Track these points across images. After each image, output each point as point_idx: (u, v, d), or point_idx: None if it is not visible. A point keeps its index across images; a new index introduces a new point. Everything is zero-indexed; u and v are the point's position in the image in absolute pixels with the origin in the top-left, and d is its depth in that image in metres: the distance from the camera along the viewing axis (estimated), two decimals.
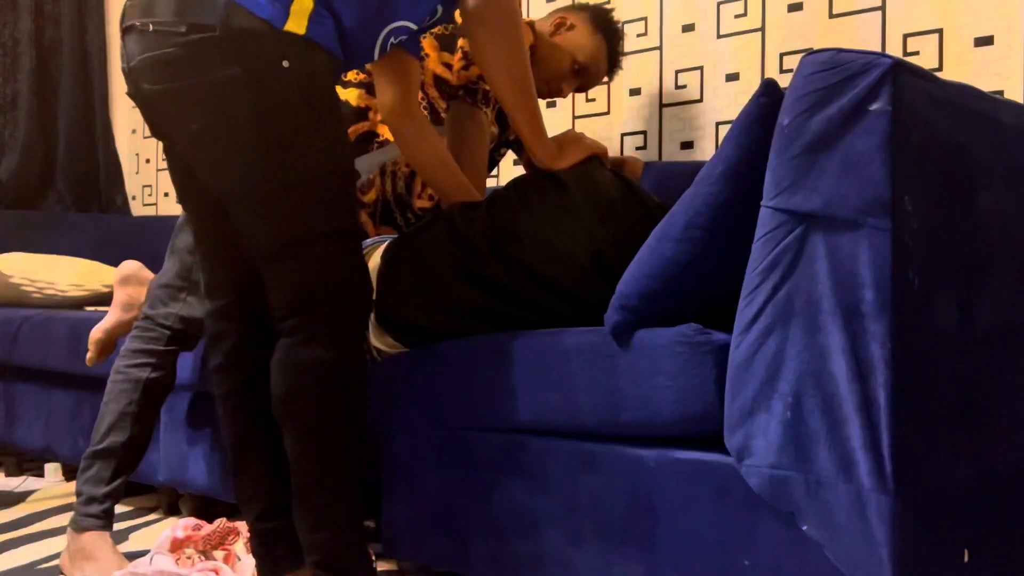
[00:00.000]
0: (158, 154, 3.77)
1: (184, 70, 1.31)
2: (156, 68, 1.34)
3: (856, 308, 1.09)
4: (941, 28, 1.97)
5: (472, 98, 1.93)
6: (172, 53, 1.31)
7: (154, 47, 1.32)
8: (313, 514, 1.40)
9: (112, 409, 1.86)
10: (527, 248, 1.57)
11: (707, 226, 1.28)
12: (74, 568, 1.80)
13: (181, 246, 1.91)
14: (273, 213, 1.36)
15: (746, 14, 2.24)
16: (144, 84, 1.37)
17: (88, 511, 1.82)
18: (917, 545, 1.10)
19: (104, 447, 1.84)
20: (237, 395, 1.52)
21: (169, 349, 1.89)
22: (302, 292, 1.37)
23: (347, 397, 1.40)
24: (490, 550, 1.52)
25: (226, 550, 1.74)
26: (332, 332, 1.37)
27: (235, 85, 1.30)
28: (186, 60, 1.31)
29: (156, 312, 1.89)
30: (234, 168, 1.36)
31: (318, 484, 1.39)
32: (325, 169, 1.37)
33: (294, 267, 1.37)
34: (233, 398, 1.53)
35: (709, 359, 1.25)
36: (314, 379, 1.37)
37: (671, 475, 1.30)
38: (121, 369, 1.88)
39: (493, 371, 1.50)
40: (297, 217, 1.36)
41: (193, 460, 2.14)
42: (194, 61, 1.30)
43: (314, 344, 1.36)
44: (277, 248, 1.37)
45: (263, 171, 1.34)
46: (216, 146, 1.36)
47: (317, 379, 1.37)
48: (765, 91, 1.25)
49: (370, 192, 2.16)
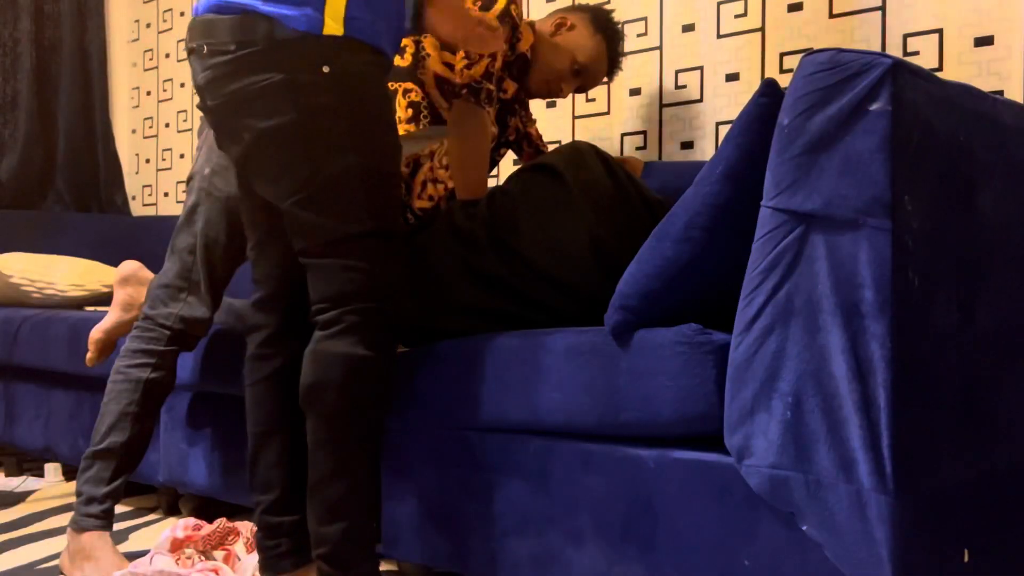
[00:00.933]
0: (158, 154, 3.77)
1: (233, 82, 1.42)
2: (213, 84, 1.44)
3: (856, 308, 1.09)
4: (941, 28, 1.97)
5: (476, 97, 1.94)
6: (224, 69, 1.42)
7: (210, 65, 1.43)
8: (325, 506, 1.42)
9: (112, 409, 1.86)
10: (527, 239, 1.57)
11: (707, 226, 1.28)
12: (74, 568, 1.80)
13: (181, 246, 1.91)
14: (317, 213, 1.42)
15: (746, 14, 2.24)
16: (208, 100, 1.47)
17: (88, 511, 1.82)
18: (917, 545, 1.10)
19: (104, 447, 1.84)
20: (264, 384, 1.57)
21: (169, 349, 1.88)
22: (343, 288, 1.42)
23: (372, 393, 1.43)
24: (490, 550, 1.52)
25: (226, 550, 1.74)
26: (366, 328, 1.41)
27: (277, 90, 1.39)
28: (234, 73, 1.41)
29: (156, 312, 1.89)
30: (280, 170, 1.43)
31: (334, 476, 1.42)
32: (366, 171, 1.43)
33: (337, 264, 1.42)
34: (260, 387, 1.58)
35: (709, 359, 1.25)
36: (341, 371, 1.41)
37: (671, 475, 1.30)
38: (121, 369, 1.88)
39: (493, 371, 1.50)
40: (340, 217, 1.42)
41: (193, 460, 2.14)
42: (241, 73, 1.41)
43: (347, 338, 1.41)
44: (321, 247, 1.43)
45: (307, 173, 1.41)
46: (263, 151, 1.44)
47: (344, 371, 1.41)
48: (765, 91, 1.25)
49: None
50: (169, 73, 3.74)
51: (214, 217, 1.90)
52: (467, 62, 1.95)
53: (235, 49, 1.40)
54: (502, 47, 1.87)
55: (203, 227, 1.89)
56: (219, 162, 1.91)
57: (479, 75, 1.94)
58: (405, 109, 2.00)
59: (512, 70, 2.09)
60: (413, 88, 2.01)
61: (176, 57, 3.71)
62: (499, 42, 1.73)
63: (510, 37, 2.00)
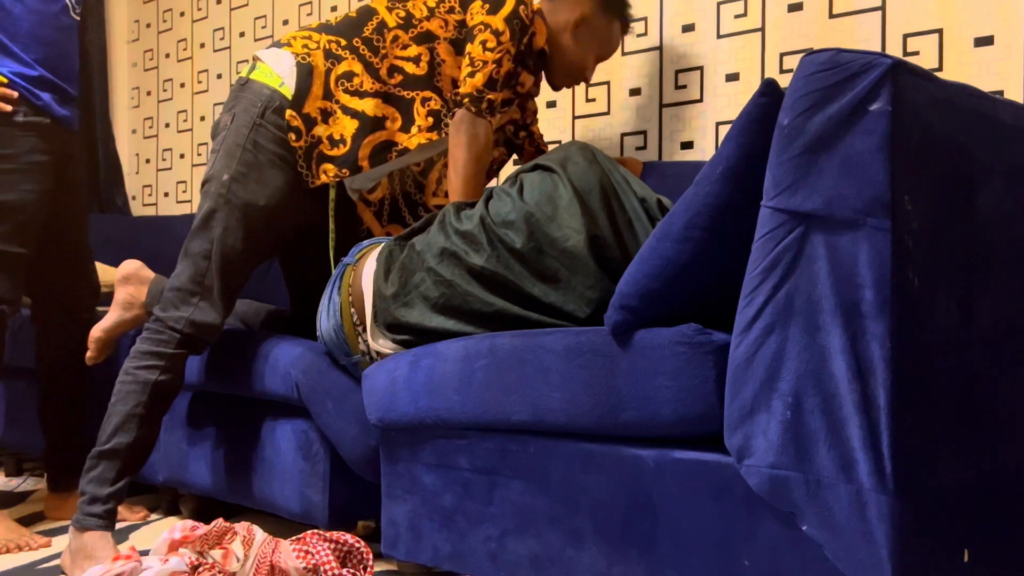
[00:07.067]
0: (158, 154, 3.77)
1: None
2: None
3: (856, 308, 1.09)
4: (941, 28, 1.97)
5: (476, 106, 1.94)
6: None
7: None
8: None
9: (119, 410, 1.87)
10: (525, 238, 1.57)
11: (707, 226, 1.28)
12: (75, 567, 1.81)
13: (196, 250, 1.91)
14: None
15: (746, 14, 2.24)
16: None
17: (91, 511, 1.83)
18: (917, 545, 1.10)
19: (110, 447, 1.85)
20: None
21: (178, 352, 1.89)
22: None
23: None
24: (490, 550, 1.52)
25: (224, 549, 1.74)
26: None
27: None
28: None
29: (167, 315, 1.89)
30: None
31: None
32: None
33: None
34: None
35: (709, 359, 1.25)
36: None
37: (671, 475, 1.30)
38: (129, 370, 1.89)
39: (493, 371, 1.49)
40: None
41: (193, 460, 2.14)
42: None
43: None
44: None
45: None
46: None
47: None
48: (765, 91, 1.25)
49: (376, 191, 2.17)
50: (169, 73, 3.74)
51: (232, 224, 1.90)
52: (471, 69, 1.95)
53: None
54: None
55: (221, 234, 1.89)
56: (239, 169, 1.91)
57: (481, 84, 1.94)
58: (425, 118, 2.00)
59: (528, 64, 2.08)
60: (432, 96, 2.01)
61: (176, 57, 3.71)
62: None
63: (520, 37, 1.99)
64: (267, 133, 1.93)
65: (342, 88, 1.97)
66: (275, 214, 1.95)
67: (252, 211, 1.91)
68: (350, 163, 1.96)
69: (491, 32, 1.95)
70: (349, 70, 1.98)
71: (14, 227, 2.06)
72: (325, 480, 1.87)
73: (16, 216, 2.06)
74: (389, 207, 2.18)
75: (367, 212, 2.16)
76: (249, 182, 1.91)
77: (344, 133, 1.96)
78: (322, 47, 2.00)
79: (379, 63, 2.00)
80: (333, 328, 1.78)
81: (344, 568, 1.56)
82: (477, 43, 1.96)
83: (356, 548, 1.58)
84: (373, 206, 2.17)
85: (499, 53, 1.95)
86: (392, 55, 2.00)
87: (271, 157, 1.93)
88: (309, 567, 1.54)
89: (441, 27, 2.01)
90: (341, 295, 1.76)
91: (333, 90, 1.97)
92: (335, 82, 1.97)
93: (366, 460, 1.82)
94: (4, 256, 2.04)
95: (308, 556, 1.55)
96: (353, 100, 1.97)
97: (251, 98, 1.96)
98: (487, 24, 1.96)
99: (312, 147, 1.96)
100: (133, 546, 1.66)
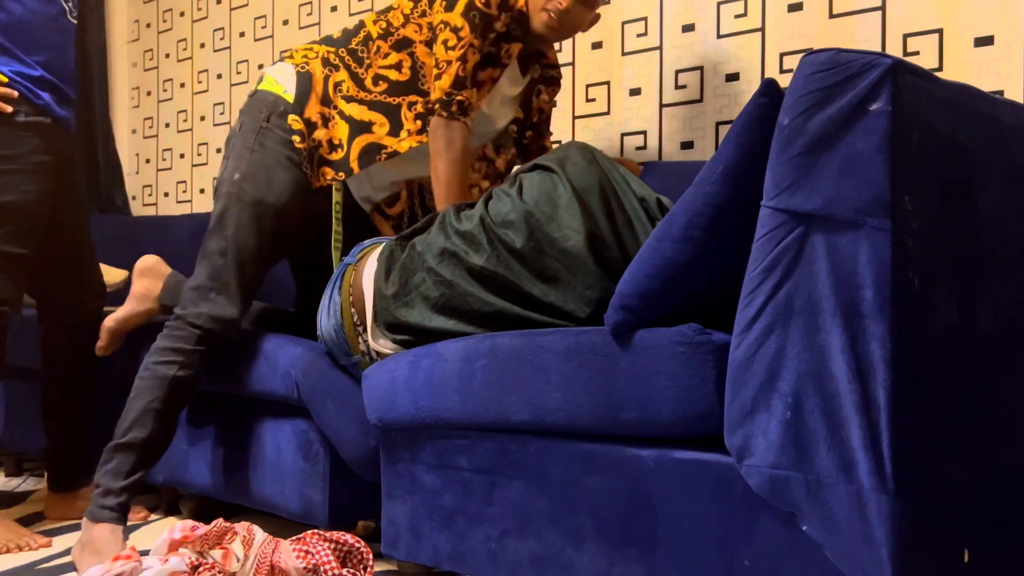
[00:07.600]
0: (158, 154, 3.77)
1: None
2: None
3: (856, 308, 1.09)
4: (941, 28, 1.97)
5: (447, 110, 1.95)
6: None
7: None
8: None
9: (136, 405, 1.90)
10: (524, 238, 1.57)
11: (707, 226, 1.28)
12: (81, 560, 1.83)
13: (212, 249, 1.96)
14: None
15: (746, 14, 2.24)
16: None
17: (104, 503, 1.86)
18: (917, 545, 1.10)
19: (126, 441, 1.88)
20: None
21: (197, 349, 1.92)
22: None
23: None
24: (490, 550, 1.52)
25: (224, 549, 1.74)
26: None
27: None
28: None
29: (187, 312, 1.93)
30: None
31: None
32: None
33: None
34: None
35: (709, 359, 1.25)
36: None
37: (671, 475, 1.30)
38: (149, 366, 1.92)
39: (493, 371, 1.49)
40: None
41: (193, 460, 2.14)
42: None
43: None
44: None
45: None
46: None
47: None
48: (765, 91, 1.25)
49: (396, 205, 2.22)
50: (169, 73, 3.74)
51: (245, 220, 1.96)
52: (437, 71, 1.98)
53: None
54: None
55: (234, 231, 1.95)
56: (248, 169, 1.99)
57: (448, 86, 1.95)
58: (413, 121, 2.04)
59: (511, 32, 2.05)
60: (418, 100, 2.04)
61: (176, 57, 3.71)
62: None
63: (484, 28, 1.98)
64: (273, 135, 2.01)
65: (339, 94, 2.06)
66: (284, 211, 2.00)
67: (262, 207, 1.97)
68: (345, 166, 2.04)
69: (450, 30, 1.97)
70: (343, 79, 2.07)
71: (16, 228, 2.06)
72: (325, 480, 1.87)
73: (18, 217, 2.06)
74: (408, 222, 2.22)
75: (386, 225, 2.21)
76: (258, 180, 1.98)
77: (342, 138, 2.04)
78: (320, 56, 2.09)
79: (364, 73, 2.07)
80: (333, 327, 1.79)
81: (344, 568, 1.56)
82: (439, 43, 1.98)
83: (356, 548, 1.59)
84: (392, 220, 2.21)
85: (461, 50, 1.96)
86: (376, 65, 2.07)
87: (278, 157, 2.01)
88: (309, 567, 1.54)
89: (416, 31, 2.06)
90: (342, 295, 1.77)
91: (332, 96, 2.06)
92: (333, 88, 2.06)
93: (366, 460, 1.82)
94: (5, 257, 2.04)
95: (308, 556, 1.55)
96: (349, 106, 2.05)
97: (257, 105, 2.06)
98: (446, 22, 1.98)
99: (313, 150, 2.04)
100: (133, 546, 1.66)
